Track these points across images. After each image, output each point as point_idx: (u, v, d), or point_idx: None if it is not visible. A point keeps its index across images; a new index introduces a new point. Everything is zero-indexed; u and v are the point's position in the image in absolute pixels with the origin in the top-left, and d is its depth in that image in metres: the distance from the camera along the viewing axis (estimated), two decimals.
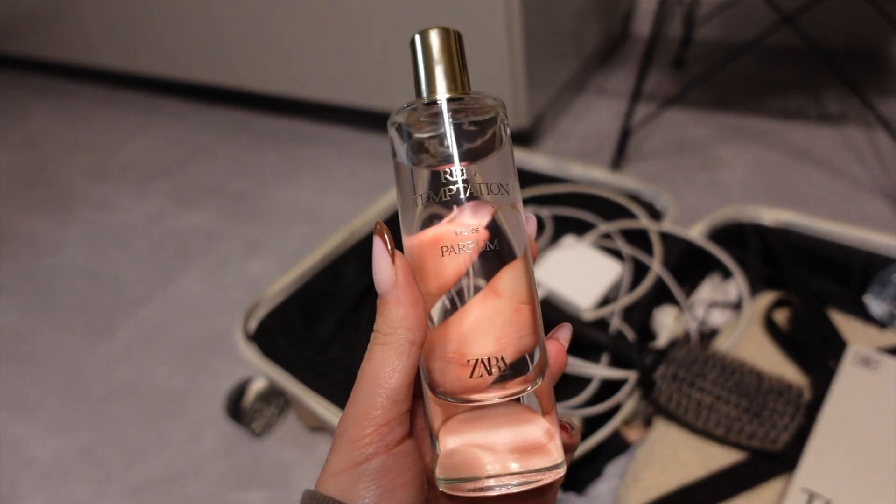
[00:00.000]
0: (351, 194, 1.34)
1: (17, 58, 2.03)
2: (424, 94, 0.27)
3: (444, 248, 0.25)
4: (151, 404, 0.97)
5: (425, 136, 0.26)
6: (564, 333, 0.29)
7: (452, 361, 0.25)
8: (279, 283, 0.86)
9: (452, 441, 0.25)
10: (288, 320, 0.84)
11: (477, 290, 0.25)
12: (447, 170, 0.25)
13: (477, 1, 1.14)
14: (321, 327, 0.85)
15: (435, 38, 0.27)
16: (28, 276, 1.26)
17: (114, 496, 0.86)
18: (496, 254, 0.25)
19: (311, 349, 0.81)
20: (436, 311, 0.26)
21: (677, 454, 0.63)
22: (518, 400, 0.25)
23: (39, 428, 0.96)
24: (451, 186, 0.25)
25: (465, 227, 0.25)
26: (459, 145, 0.26)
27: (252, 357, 0.77)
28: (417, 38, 0.27)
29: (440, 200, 0.25)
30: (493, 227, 0.26)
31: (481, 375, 0.25)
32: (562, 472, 0.26)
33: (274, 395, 0.89)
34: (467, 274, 0.25)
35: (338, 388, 0.74)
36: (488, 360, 0.25)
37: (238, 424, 0.88)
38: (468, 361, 0.25)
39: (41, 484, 0.89)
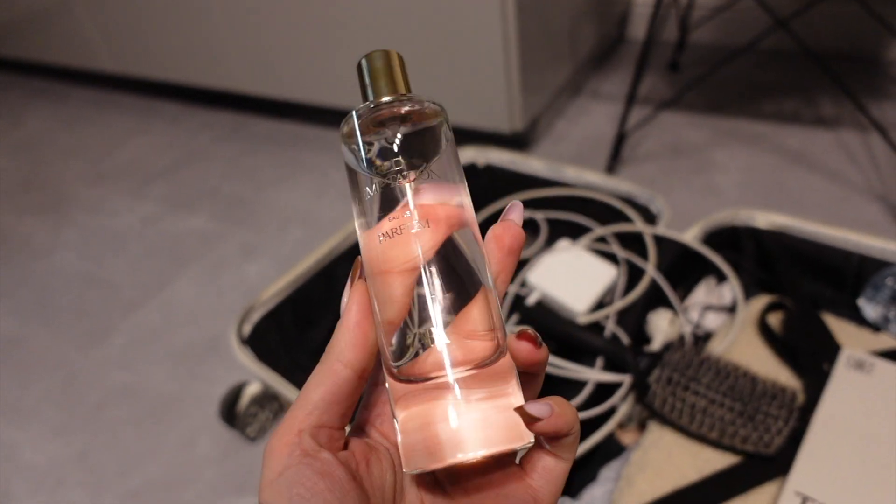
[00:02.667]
0: (347, 198, 1.34)
1: (13, 60, 2.03)
2: (371, 98, 0.29)
3: (381, 235, 0.26)
4: (146, 409, 0.97)
5: (369, 143, 0.27)
6: (514, 213, 0.29)
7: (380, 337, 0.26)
8: (274, 286, 0.85)
9: (412, 425, 0.25)
10: (282, 324, 0.84)
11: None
12: (391, 174, 0.27)
13: (472, 4, 1.14)
14: (316, 331, 0.85)
15: (378, 57, 0.30)
16: (22, 280, 1.26)
17: (108, 502, 0.86)
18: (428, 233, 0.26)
19: (306, 353, 0.81)
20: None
21: (671, 458, 0.63)
22: (482, 373, 0.25)
23: (34, 433, 0.96)
24: (395, 187, 0.27)
25: (398, 214, 0.26)
26: (403, 151, 0.27)
27: (246, 361, 0.77)
28: (363, 60, 0.30)
29: (383, 199, 0.27)
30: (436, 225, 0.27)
31: (438, 350, 0.25)
32: (529, 444, 0.26)
33: (268, 400, 0.88)
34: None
35: None
36: (424, 333, 0.25)
37: (232, 429, 0.87)
38: (407, 339, 0.26)
39: (35, 489, 0.88)
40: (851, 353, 0.66)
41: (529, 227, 0.93)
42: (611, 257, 0.85)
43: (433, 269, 0.26)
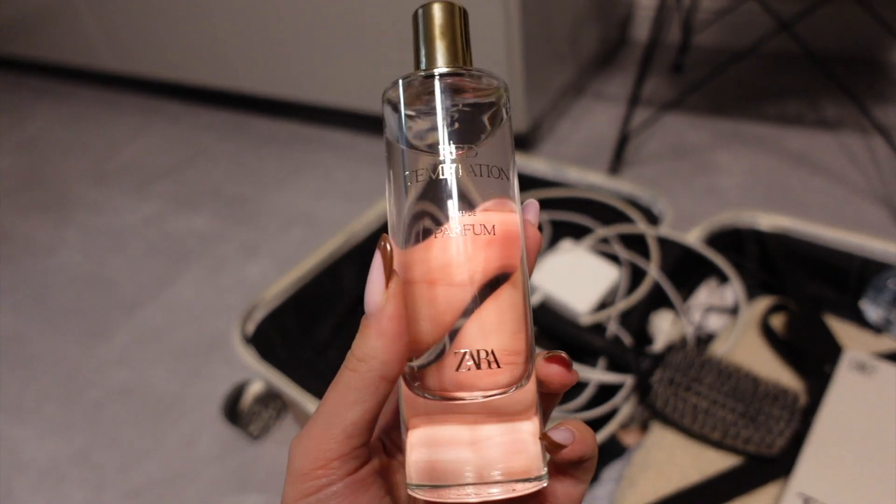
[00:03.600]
0: (349, 198, 1.34)
1: (16, 59, 2.03)
2: (423, 66, 0.26)
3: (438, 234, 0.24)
4: (148, 407, 0.97)
5: (417, 113, 0.25)
6: (530, 212, 0.27)
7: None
8: (277, 285, 0.86)
9: (427, 443, 0.24)
10: (285, 323, 0.84)
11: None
12: (439, 151, 0.24)
13: (476, 5, 1.15)
14: (319, 330, 0.85)
15: (438, 11, 0.26)
16: (24, 279, 1.26)
17: (110, 500, 0.86)
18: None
19: (309, 352, 0.81)
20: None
21: (673, 458, 0.63)
22: (505, 398, 0.24)
23: (35, 431, 0.96)
24: (441, 170, 0.24)
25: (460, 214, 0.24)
26: (453, 125, 0.24)
27: (249, 360, 0.77)
28: (420, 11, 0.26)
29: (429, 183, 0.24)
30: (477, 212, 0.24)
31: (469, 368, 0.23)
32: (544, 483, 0.24)
33: (271, 398, 0.88)
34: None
35: None
36: (478, 352, 0.23)
37: (235, 427, 0.87)
38: (455, 353, 0.23)
39: (37, 487, 0.89)
40: (853, 355, 0.66)
41: None
42: (613, 258, 0.85)
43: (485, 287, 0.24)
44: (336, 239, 0.92)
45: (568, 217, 0.93)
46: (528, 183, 0.99)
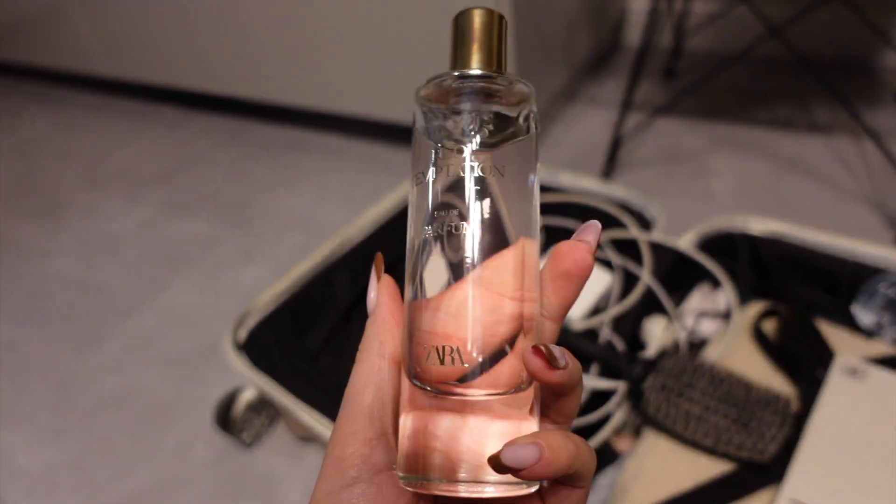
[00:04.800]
0: (346, 202, 1.34)
1: (9, 64, 2.02)
2: (458, 67, 0.26)
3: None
4: (140, 414, 0.96)
5: (446, 112, 0.25)
6: (589, 233, 0.26)
7: (418, 344, 0.24)
8: (269, 292, 0.85)
9: (422, 434, 0.24)
10: (278, 330, 0.84)
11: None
12: (462, 153, 0.25)
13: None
14: (312, 337, 0.84)
15: (479, 16, 0.27)
16: (17, 284, 1.25)
17: None
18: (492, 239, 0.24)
19: (302, 359, 0.81)
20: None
21: (666, 465, 0.63)
22: (502, 400, 0.24)
23: (28, 438, 0.96)
24: (462, 168, 0.25)
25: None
26: (479, 129, 0.25)
27: (242, 367, 0.77)
28: (461, 14, 0.27)
29: (449, 183, 0.25)
30: (493, 214, 0.25)
31: (434, 364, 0.23)
32: (534, 488, 0.24)
33: (264, 406, 0.88)
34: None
35: (328, 398, 0.73)
36: (443, 348, 0.23)
37: (228, 435, 0.87)
38: (424, 347, 0.24)
39: (29, 494, 0.88)
40: (845, 360, 0.66)
41: None
42: (606, 263, 0.85)
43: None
44: (329, 244, 0.92)
45: (560, 222, 0.93)
46: None
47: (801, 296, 0.78)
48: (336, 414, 0.25)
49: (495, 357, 0.24)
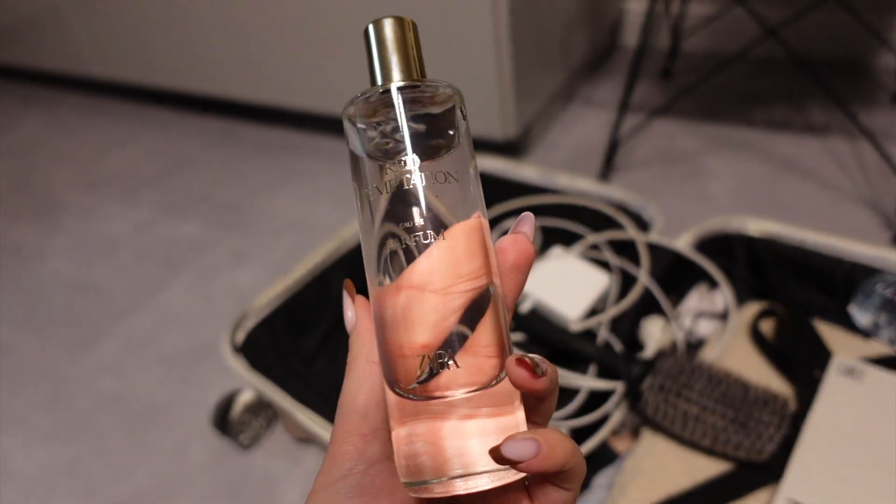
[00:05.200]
0: (339, 204, 1.34)
1: (3, 66, 2.02)
2: (378, 81, 0.27)
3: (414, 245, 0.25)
4: (137, 416, 0.96)
5: (378, 127, 0.26)
6: (525, 224, 0.28)
7: (390, 356, 0.25)
8: (267, 294, 0.85)
9: (414, 439, 0.24)
10: (276, 332, 0.83)
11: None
12: (401, 161, 0.25)
13: (465, 11, 1.15)
14: (309, 339, 0.84)
15: (389, 26, 0.27)
16: (12, 286, 1.25)
17: None
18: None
19: (299, 361, 0.81)
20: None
21: (664, 465, 0.63)
22: (484, 395, 0.24)
23: (23, 440, 0.95)
24: (405, 180, 0.25)
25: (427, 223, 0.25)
26: (413, 137, 0.25)
27: (240, 369, 0.77)
28: (371, 27, 0.27)
29: (395, 194, 0.25)
30: (438, 219, 0.25)
31: (407, 374, 0.25)
32: (522, 474, 0.24)
33: (262, 407, 0.88)
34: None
35: (325, 399, 0.73)
36: (423, 358, 0.24)
37: (225, 437, 0.87)
38: (398, 358, 0.25)
39: (25, 497, 0.88)
40: (842, 360, 0.66)
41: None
42: (603, 264, 0.85)
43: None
44: (326, 246, 0.92)
45: (558, 223, 0.93)
46: (518, 189, 0.99)
47: (799, 296, 0.78)
48: (333, 415, 0.28)
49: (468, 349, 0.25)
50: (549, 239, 0.91)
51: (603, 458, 0.68)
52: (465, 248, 0.25)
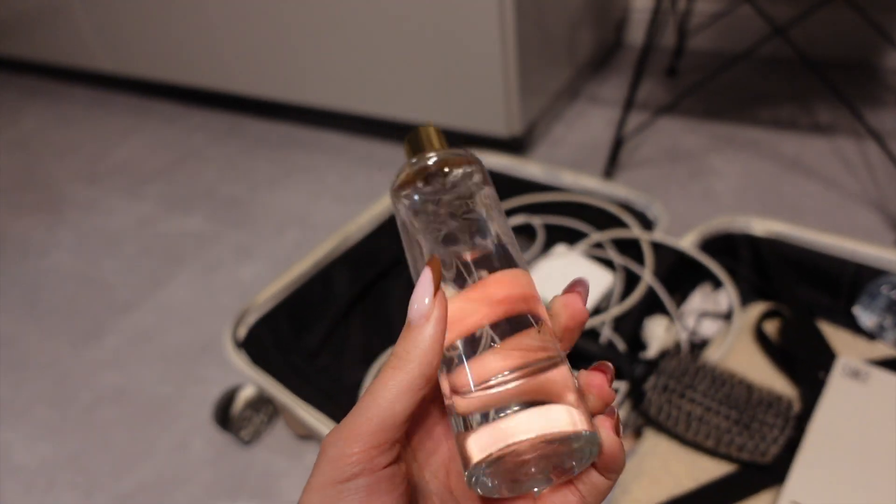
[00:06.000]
0: (343, 200, 1.33)
1: (9, 59, 2.02)
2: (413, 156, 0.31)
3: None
4: (139, 411, 0.96)
5: (422, 190, 0.29)
6: (579, 288, 0.29)
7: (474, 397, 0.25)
8: (269, 289, 0.85)
9: (476, 424, 0.25)
10: (278, 328, 0.83)
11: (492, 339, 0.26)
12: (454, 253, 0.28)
13: (471, 8, 1.14)
14: (311, 335, 0.84)
15: (424, 132, 0.32)
16: (16, 279, 1.25)
17: (101, 503, 0.85)
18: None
19: (301, 357, 0.81)
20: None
21: (667, 466, 0.63)
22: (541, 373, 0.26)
23: (25, 434, 0.95)
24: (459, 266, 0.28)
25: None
26: (454, 196, 0.29)
27: (241, 365, 0.77)
28: (411, 134, 0.32)
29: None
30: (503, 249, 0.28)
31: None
32: (594, 440, 0.25)
33: (263, 403, 0.88)
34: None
35: (326, 396, 0.73)
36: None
37: (227, 432, 0.87)
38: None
39: (27, 491, 0.88)
40: (847, 362, 0.66)
41: (525, 232, 0.93)
42: (607, 263, 0.85)
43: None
44: (329, 242, 0.91)
45: (562, 221, 0.92)
46: (522, 187, 0.99)
47: (803, 297, 0.78)
48: (335, 412, 0.26)
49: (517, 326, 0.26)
50: (553, 237, 0.91)
51: None
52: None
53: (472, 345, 0.26)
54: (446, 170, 0.30)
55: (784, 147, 1.29)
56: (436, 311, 0.25)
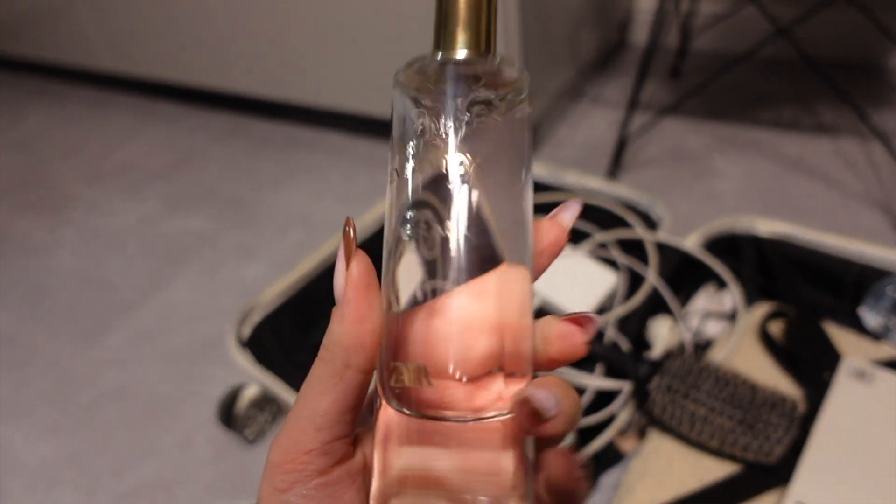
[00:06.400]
0: (345, 200, 1.33)
1: (12, 58, 2.02)
2: (441, 49, 0.24)
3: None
4: (142, 410, 0.96)
5: (428, 103, 0.23)
6: (568, 212, 0.25)
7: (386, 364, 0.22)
8: (273, 289, 0.85)
9: (400, 465, 0.22)
10: (282, 327, 0.83)
11: (437, 291, 0.22)
12: (445, 146, 0.22)
13: None
14: (315, 334, 0.84)
15: None
16: (19, 278, 1.25)
17: (103, 502, 0.85)
18: (477, 249, 0.22)
19: (305, 356, 0.81)
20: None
21: (671, 466, 0.62)
22: (489, 423, 0.22)
23: (27, 432, 0.95)
24: (444, 165, 0.22)
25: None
26: (464, 119, 0.22)
27: (245, 364, 0.76)
28: None
29: (429, 180, 0.22)
30: (478, 217, 0.22)
31: (402, 384, 0.22)
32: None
33: (267, 402, 0.88)
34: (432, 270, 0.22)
35: None
36: (420, 368, 0.22)
37: (230, 431, 0.87)
38: (391, 365, 0.22)
39: (29, 489, 0.88)
40: (852, 363, 0.66)
41: None
42: (611, 263, 0.84)
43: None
44: (333, 241, 0.91)
45: None
46: None
47: (808, 298, 0.77)
48: None
49: (478, 377, 0.22)
50: None
51: (609, 458, 0.67)
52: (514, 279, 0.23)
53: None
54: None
55: (787, 147, 1.29)
56: (349, 288, 0.22)
